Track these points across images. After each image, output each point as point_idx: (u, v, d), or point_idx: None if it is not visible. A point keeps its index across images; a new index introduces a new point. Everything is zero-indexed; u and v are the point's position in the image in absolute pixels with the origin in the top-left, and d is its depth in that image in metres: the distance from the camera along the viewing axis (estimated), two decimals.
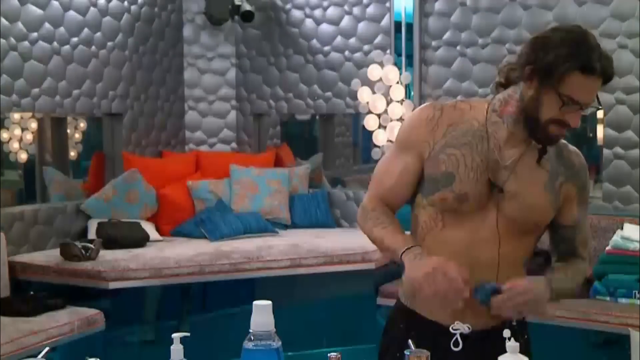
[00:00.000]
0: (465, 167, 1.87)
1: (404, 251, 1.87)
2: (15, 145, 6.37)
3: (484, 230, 1.90)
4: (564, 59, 1.77)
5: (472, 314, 1.90)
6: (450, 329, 1.92)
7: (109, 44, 5.89)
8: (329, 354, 1.64)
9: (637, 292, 4.49)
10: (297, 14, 6.52)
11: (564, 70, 1.76)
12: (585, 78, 1.77)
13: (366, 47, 6.31)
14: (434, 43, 6.07)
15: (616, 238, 4.71)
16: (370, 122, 6.02)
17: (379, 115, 6.00)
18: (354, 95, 6.19)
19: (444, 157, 1.90)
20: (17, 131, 6.39)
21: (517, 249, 1.94)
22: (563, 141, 1.98)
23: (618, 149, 5.42)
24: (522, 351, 1.58)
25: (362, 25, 6.32)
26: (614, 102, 5.40)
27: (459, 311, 1.88)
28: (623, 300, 4.52)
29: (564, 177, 1.96)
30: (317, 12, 6.44)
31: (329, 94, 6.48)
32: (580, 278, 2.05)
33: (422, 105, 2.01)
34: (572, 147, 2.02)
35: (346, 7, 6.36)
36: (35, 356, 1.67)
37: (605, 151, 5.48)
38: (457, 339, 1.91)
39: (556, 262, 2.06)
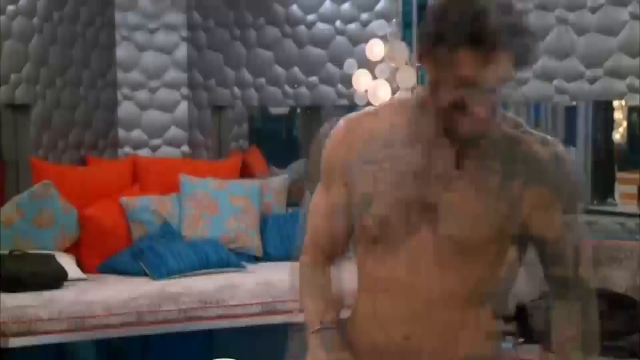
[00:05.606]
0: (385, 185, 1.85)
1: (314, 331, 1.97)
2: None
3: (422, 259, 1.85)
4: (447, 31, 1.72)
5: None
6: None
7: (10, 8, 5.40)
8: None
9: None
10: None
11: (449, 46, 1.71)
12: (476, 52, 1.69)
13: (364, 16, 6.02)
14: None
15: None
16: None
17: None
18: (348, 81, 5.87)
19: (360, 177, 1.90)
20: None
21: (467, 280, 1.85)
22: (525, 129, 1.90)
23: None
24: None
25: None
26: None
27: None
28: None
29: (523, 177, 1.86)
30: None
31: (314, 79, 6.20)
32: (594, 323, 1.96)
33: (338, 123, 2.03)
34: (539, 136, 1.89)
35: None
36: None
37: None
38: None
39: (555, 312, 1.98)
